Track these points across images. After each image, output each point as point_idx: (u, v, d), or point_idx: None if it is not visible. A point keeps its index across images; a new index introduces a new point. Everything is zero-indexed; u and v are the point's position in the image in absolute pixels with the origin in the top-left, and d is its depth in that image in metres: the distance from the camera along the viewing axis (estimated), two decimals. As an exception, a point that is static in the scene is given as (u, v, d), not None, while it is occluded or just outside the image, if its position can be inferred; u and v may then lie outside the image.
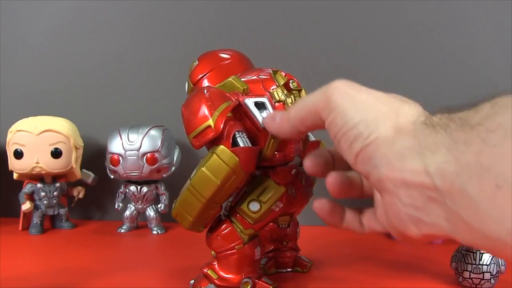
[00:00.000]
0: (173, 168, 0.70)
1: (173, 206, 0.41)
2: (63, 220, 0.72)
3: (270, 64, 0.46)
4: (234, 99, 0.40)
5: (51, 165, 0.68)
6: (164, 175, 0.70)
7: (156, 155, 0.67)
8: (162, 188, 0.71)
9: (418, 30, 0.73)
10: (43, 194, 0.69)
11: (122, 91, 0.77)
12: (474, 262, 0.45)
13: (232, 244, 0.42)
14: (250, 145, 0.39)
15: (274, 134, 0.37)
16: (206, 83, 0.43)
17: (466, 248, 0.46)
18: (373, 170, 0.28)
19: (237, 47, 0.47)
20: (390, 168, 0.27)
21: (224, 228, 0.42)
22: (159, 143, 0.68)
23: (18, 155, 0.67)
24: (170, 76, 0.74)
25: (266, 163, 0.41)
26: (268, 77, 0.42)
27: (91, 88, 0.78)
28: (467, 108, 0.26)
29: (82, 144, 0.72)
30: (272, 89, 0.41)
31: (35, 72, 0.78)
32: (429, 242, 0.27)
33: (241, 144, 0.38)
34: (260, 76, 0.42)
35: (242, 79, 0.42)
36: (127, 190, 0.70)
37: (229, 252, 0.42)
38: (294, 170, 0.43)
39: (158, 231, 0.69)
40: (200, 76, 0.43)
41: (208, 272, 0.43)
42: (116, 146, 0.68)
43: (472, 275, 0.45)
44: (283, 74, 0.44)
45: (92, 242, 0.65)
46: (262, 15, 0.74)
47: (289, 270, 0.51)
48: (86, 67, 0.78)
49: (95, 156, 0.76)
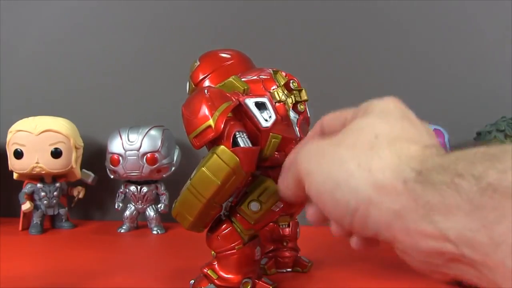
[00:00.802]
0: (173, 168, 0.70)
1: (173, 206, 0.41)
2: (63, 220, 0.72)
3: (270, 64, 0.46)
4: (234, 99, 0.39)
5: (51, 165, 0.68)
6: (164, 175, 0.70)
7: (156, 155, 0.67)
8: (162, 188, 0.71)
9: (418, 30, 0.73)
10: (43, 194, 0.69)
11: (122, 91, 0.77)
12: (474, 262, 0.45)
13: (232, 244, 0.42)
14: (250, 145, 0.39)
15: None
16: (208, 83, 0.43)
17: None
18: (377, 235, 0.26)
19: (237, 47, 0.47)
20: (392, 231, 0.24)
21: (224, 228, 0.42)
22: (159, 143, 0.68)
23: (18, 155, 0.67)
24: (170, 76, 0.74)
25: (266, 163, 0.41)
26: (268, 77, 0.42)
27: (91, 88, 0.78)
28: (476, 155, 0.22)
29: (82, 144, 0.72)
30: (273, 89, 0.41)
31: (35, 72, 0.78)
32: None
33: (241, 144, 0.38)
34: (260, 76, 0.42)
35: (243, 79, 0.42)
36: (127, 190, 0.70)
37: (229, 252, 0.42)
38: None
39: (158, 231, 0.69)
40: (202, 77, 0.43)
41: (208, 272, 0.43)
42: (116, 146, 0.68)
43: (472, 275, 0.45)
44: (284, 74, 0.44)
45: (92, 242, 0.65)
46: (262, 15, 0.74)
47: (289, 270, 0.51)
48: (86, 67, 0.78)
49: (95, 156, 0.76)
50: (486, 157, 0.22)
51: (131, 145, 0.67)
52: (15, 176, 0.71)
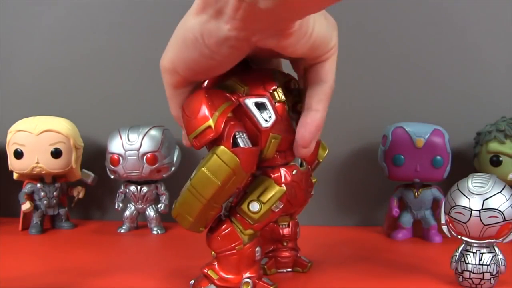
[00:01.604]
0: (173, 168, 0.70)
1: (173, 206, 0.41)
2: (63, 220, 0.72)
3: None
4: (234, 99, 0.39)
5: (51, 165, 0.68)
6: (164, 175, 0.70)
7: (156, 155, 0.67)
8: (162, 188, 0.71)
9: (418, 30, 0.73)
10: (43, 194, 0.69)
11: (122, 91, 0.77)
12: (474, 262, 0.45)
13: (233, 245, 0.42)
14: (250, 145, 0.39)
15: None
16: (206, 84, 0.42)
17: (466, 248, 0.46)
18: (227, 43, 0.33)
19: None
20: (225, 25, 0.32)
21: (224, 229, 0.42)
22: (159, 143, 0.68)
23: (18, 155, 0.67)
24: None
25: (266, 163, 0.41)
26: (268, 77, 0.42)
27: (91, 88, 0.78)
28: None
29: (82, 144, 0.72)
30: (273, 89, 0.41)
31: (35, 72, 0.78)
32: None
33: (241, 145, 0.38)
34: (260, 76, 0.42)
35: (242, 79, 0.41)
36: (127, 190, 0.70)
37: (229, 252, 0.42)
38: (294, 171, 0.43)
39: (158, 231, 0.69)
40: None
41: (208, 272, 0.43)
42: (116, 146, 0.68)
43: (472, 275, 0.45)
44: (284, 73, 0.44)
45: (92, 242, 0.65)
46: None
47: (289, 270, 0.51)
48: (86, 67, 0.78)
49: (95, 156, 0.76)
50: None
51: (131, 145, 0.67)
52: (15, 176, 0.71)
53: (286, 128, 0.41)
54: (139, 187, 0.70)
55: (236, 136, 0.38)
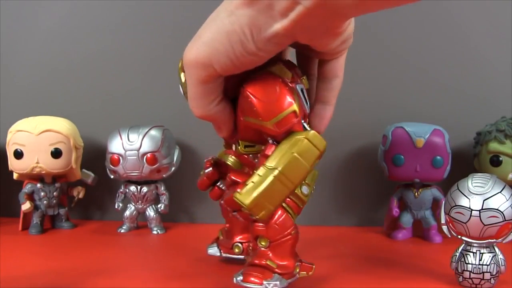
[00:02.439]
0: (173, 168, 0.70)
1: (246, 198, 0.38)
2: (63, 220, 0.72)
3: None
4: (291, 85, 0.40)
5: (51, 165, 0.68)
6: (164, 175, 0.70)
7: (156, 155, 0.67)
8: (162, 188, 0.71)
9: (418, 30, 0.73)
10: (43, 194, 0.69)
11: (122, 91, 0.77)
12: (474, 262, 0.45)
13: (289, 230, 0.42)
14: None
15: None
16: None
17: (466, 248, 0.46)
18: (274, 39, 0.32)
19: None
20: (278, 23, 0.31)
21: (280, 215, 0.41)
22: (159, 143, 0.68)
23: (18, 155, 0.67)
24: (170, 76, 0.74)
25: None
26: (294, 65, 0.43)
27: (91, 88, 0.78)
28: None
29: (82, 144, 0.72)
30: (302, 77, 0.41)
31: (35, 72, 0.78)
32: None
33: (308, 129, 0.39)
34: (290, 64, 0.42)
35: (286, 65, 0.42)
36: (127, 190, 0.70)
37: (285, 238, 0.42)
38: None
39: (158, 231, 0.69)
40: None
41: (267, 263, 0.42)
42: (116, 146, 0.68)
43: (472, 275, 0.45)
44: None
45: (92, 242, 0.65)
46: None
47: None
48: (86, 67, 0.78)
49: (95, 156, 0.76)
50: None
51: (131, 145, 0.67)
52: (15, 176, 0.71)
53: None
54: (139, 187, 0.70)
55: (303, 121, 0.39)
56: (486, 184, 0.44)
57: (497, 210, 0.43)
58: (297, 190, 0.41)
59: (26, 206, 0.68)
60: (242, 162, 0.48)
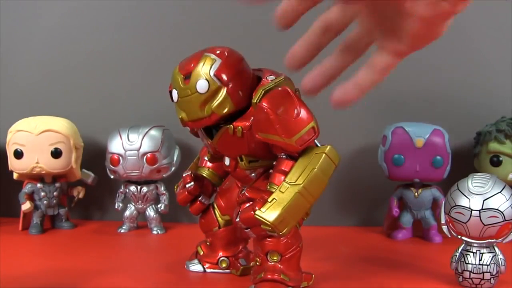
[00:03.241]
0: (173, 168, 0.70)
1: (269, 215, 0.38)
2: (63, 220, 0.71)
3: (269, 64, 0.46)
4: None
5: (51, 165, 0.68)
6: (164, 175, 0.70)
7: (156, 155, 0.67)
8: (162, 188, 0.71)
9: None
10: (43, 194, 0.69)
11: (122, 91, 0.77)
12: (474, 262, 0.45)
13: (298, 243, 0.43)
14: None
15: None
16: (234, 83, 0.41)
17: (466, 248, 0.46)
18: None
19: (239, 46, 0.46)
20: None
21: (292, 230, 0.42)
22: (159, 143, 0.68)
23: (18, 155, 0.67)
24: (170, 76, 0.74)
25: None
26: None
27: (91, 88, 0.78)
28: None
29: (82, 144, 0.72)
30: (297, 90, 0.42)
31: (35, 72, 0.78)
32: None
33: (318, 144, 0.40)
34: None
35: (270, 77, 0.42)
36: (127, 190, 0.70)
37: (295, 251, 0.43)
38: None
39: (158, 231, 0.69)
40: (230, 76, 0.41)
41: (282, 277, 0.42)
42: (116, 146, 0.68)
43: (472, 275, 0.45)
44: None
45: (92, 242, 0.65)
46: (262, 15, 0.74)
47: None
48: (86, 67, 0.78)
49: (95, 156, 0.76)
50: None
51: (131, 145, 0.67)
52: (15, 176, 0.71)
53: None
54: (139, 187, 0.70)
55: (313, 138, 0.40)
56: (486, 184, 0.44)
57: (497, 210, 0.43)
58: None
59: (26, 206, 0.68)
60: (236, 177, 0.47)
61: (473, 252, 0.45)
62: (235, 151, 0.43)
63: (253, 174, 0.44)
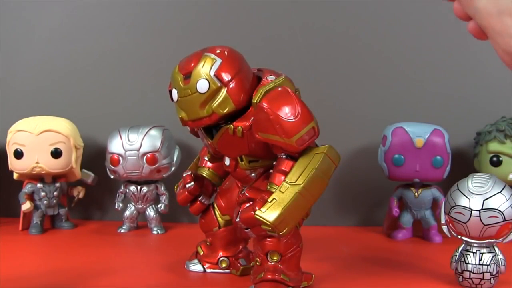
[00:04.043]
0: (173, 168, 0.70)
1: (269, 215, 0.38)
2: (63, 220, 0.71)
3: (269, 64, 0.46)
4: None
5: (51, 165, 0.68)
6: (164, 175, 0.70)
7: (156, 155, 0.67)
8: (162, 188, 0.71)
9: (419, 30, 0.73)
10: (43, 194, 0.69)
11: (122, 91, 0.77)
12: (474, 262, 0.45)
13: (298, 243, 0.44)
14: None
15: None
16: (235, 83, 0.41)
17: (466, 248, 0.46)
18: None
19: (240, 47, 0.46)
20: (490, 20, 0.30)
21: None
22: (159, 143, 0.68)
23: (18, 155, 0.67)
24: (170, 76, 0.74)
25: None
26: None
27: (91, 88, 0.78)
28: None
29: (82, 144, 0.72)
30: (297, 90, 0.42)
31: (35, 72, 0.78)
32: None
33: (318, 145, 0.40)
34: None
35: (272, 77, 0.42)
36: (127, 190, 0.70)
37: (294, 252, 0.43)
38: None
39: (158, 231, 0.69)
40: (231, 76, 0.41)
41: (282, 277, 0.42)
42: (116, 146, 0.68)
43: (472, 275, 0.45)
44: None
45: (92, 242, 0.65)
46: (262, 15, 0.74)
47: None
48: (86, 67, 0.78)
49: (95, 156, 0.76)
50: None
51: (131, 145, 0.67)
52: (15, 176, 0.71)
53: None
54: (139, 187, 0.70)
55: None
56: (486, 184, 0.44)
57: (497, 210, 0.43)
58: None
59: (26, 206, 0.68)
60: (236, 177, 0.47)
61: (473, 252, 0.45)
62: (235, 151, 0.43)
63: (253, 174, 0.44)
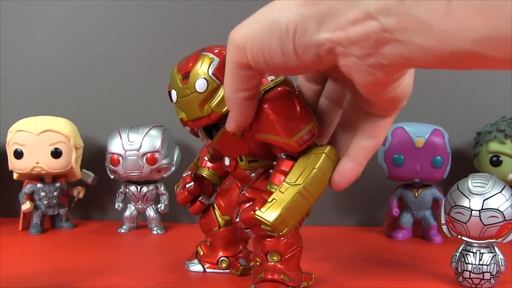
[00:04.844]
0: (173, 168, 0.70)
1: (269, 215, 0.38)
2: (63, 220, 0.72)
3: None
4: None
5: (51, 165, 0.68)
6: (164, 175, 0.70)
7: (156, 155, 0.67)
8: (162, 188, 0.71)
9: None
10: (43, 194, 0.69)
11: (122, 91, 0.78)
12: (474, 262, 0.45)
13: (298, 243, 0.44)
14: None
15: None
16: None
17: (466, 248, 0.46)
18: (319, 50, 0.27)
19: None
20: (329, 33, 0.26)
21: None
22: (159, 143, 0.68)
23: (18, 155, 0.67)
24: (170, 76, 0.74)
25: None
26: None
27: (91, 88, 0.78)
28: None
29: (82, 144, 0.72)
30: (297, 91, 0.42)
31: (35, 72, 0.78)
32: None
33: (318, 145, 0.39)
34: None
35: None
36: (127, 190, 0.70)
37: (295, 251, 0.43)
38: None
39: (158, 231, 0.69)
40: None
41: (282, 277, 0.42)
42: (116, 146, 0.68)
43: (472, 275, 0.45)
44: None
45: (92, 242, 0.65)
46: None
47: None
48: (87, 67, 0.78)
49: (95, 156, 0.76)
50: None
51: (131, 145, 0.67)
52: (15, 176, 0.71)
53: None
54: (139, 187, 0.70)
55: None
56: (486, 184, 0.44)
57: (497, 210, 0.43)
58: None
59: (26, 206, 0.68)
60: (236, 177, 0.47)
61: (473, 252, 0.45)
62: (235, 151, 0.43)
63: (253, 174, 0.44)
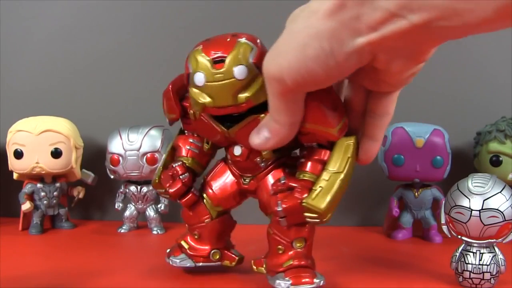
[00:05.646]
0: (173, 168, 0.70)
1: (319, 202, 0.38)
2: (63, 220, 0.72)
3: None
4: None
5: (51, 165, 0.68)
6: (164, 175, 0.70)
7: (156, 155, 0.68)
8: (162, 188, 0.71)
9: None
10: (43, 194, 0.69)
11: (122, 91, 0.78)
12: (474, 262, 0.45)
13: (313, 228, 0.44)
14: None
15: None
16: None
17: (466, 248, 0.46)
18: (356, 55, 0.29)
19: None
20: (362, 36, 0.28)
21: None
22: (159, 143, 0.68)
23: (18, 155, 0.67)
24: (170, 76, 0.74)
25: None
26: None
27: (91, 88, 0.78)
28: None
29: (82, 144, 0.72)
30: None
31: (35, 72, 0.78)
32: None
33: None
34: None
35: None
36: (127, 190, 0.70)
37: (312, 238, 0.44)
38: None
39: (158, 231, 0.69)
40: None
41: (309, 262, 0.44)
42: (116, 146, 0.68)
43: (472, 275, 0.45)
44: None
45: (92, 242, 0.65)
46: (262, 15, 0.74)
47: None
48: (87, 67, 0.78)
49: (95, 156, 0.76)
50: None
51: (131, 145, 0.67)
52: (15, 176, 0.71)
53: None
54: (139, 187, 0.70)
55: None
56: (486, 184, 0.44)
57: (497, 210, 0.43)
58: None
59: (26, 206, 0.68)
60: (243, 166, 0.46)
61: (473, 252, 0.45)
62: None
63: (262, 164, 0.44)
